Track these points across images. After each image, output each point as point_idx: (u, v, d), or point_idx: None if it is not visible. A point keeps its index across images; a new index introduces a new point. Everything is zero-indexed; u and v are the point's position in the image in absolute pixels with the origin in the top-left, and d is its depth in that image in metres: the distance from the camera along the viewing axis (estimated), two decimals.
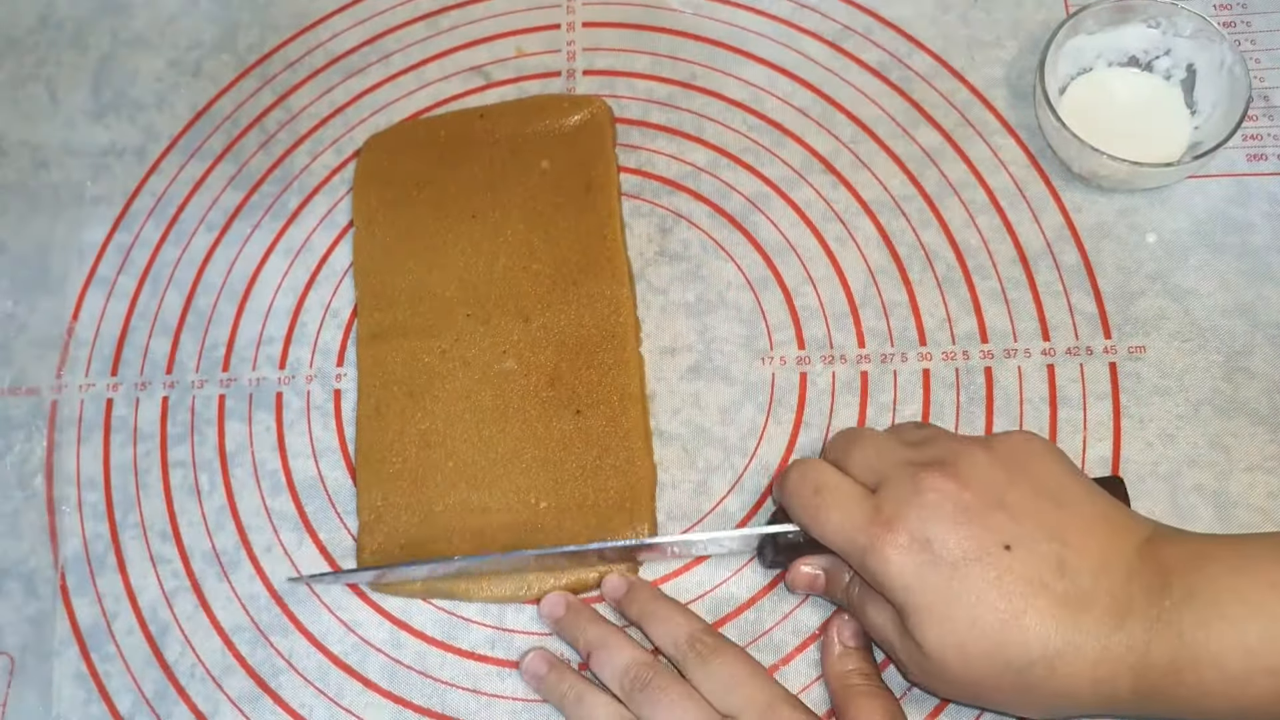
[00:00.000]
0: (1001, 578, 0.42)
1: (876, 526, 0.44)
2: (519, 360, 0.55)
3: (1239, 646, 0.40)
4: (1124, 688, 0.42)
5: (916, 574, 0.43)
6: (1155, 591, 0.41)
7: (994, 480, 0.44)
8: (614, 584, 0.51)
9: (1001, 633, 0.42)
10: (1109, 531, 0.43)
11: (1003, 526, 0.43)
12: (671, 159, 0.60)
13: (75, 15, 0.66)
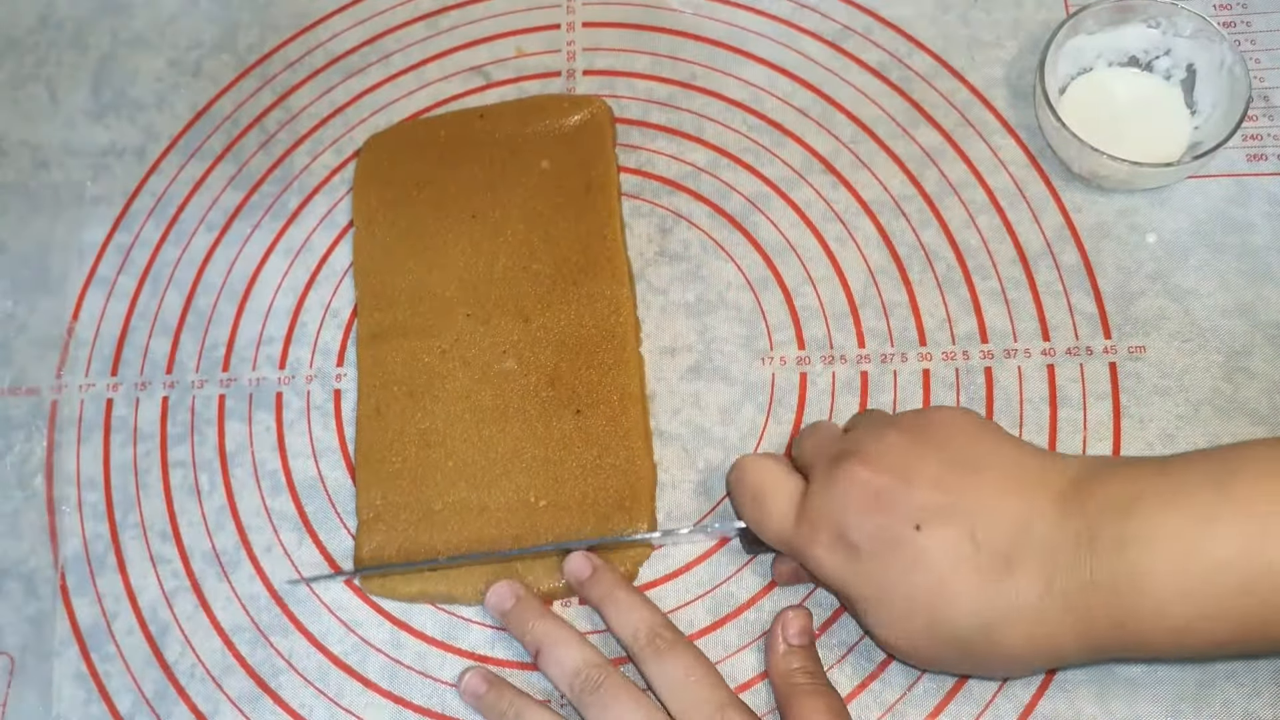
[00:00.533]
0: (918, 559, 0.42)
1: (803, 527, 0.45)
2: (519, 360, 0.55)
3: (1176, 592, 0.39)
4: (1068, 644, 0.41)
5: (845, 569, 0.44)
6: (1084, 544, 0.40)
7: (902, 459, 0.44)
8: (578, 565, 0.50)
9: (932, 611, 0.42)
10: (1025, 490, 0.42)
11: (911, 508, 0.42)
12: (671, 159, 0.60)
13: (75, 15, 0.66)
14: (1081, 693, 0.48)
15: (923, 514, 0.42)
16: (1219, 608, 0.39)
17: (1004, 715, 0.48)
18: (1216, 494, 0.40)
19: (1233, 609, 0.39)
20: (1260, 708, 0.47)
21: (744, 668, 0.50)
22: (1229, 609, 0.39)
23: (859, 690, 0.49)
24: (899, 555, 0.42)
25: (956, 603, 0.42)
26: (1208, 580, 0.39)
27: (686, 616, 0.51)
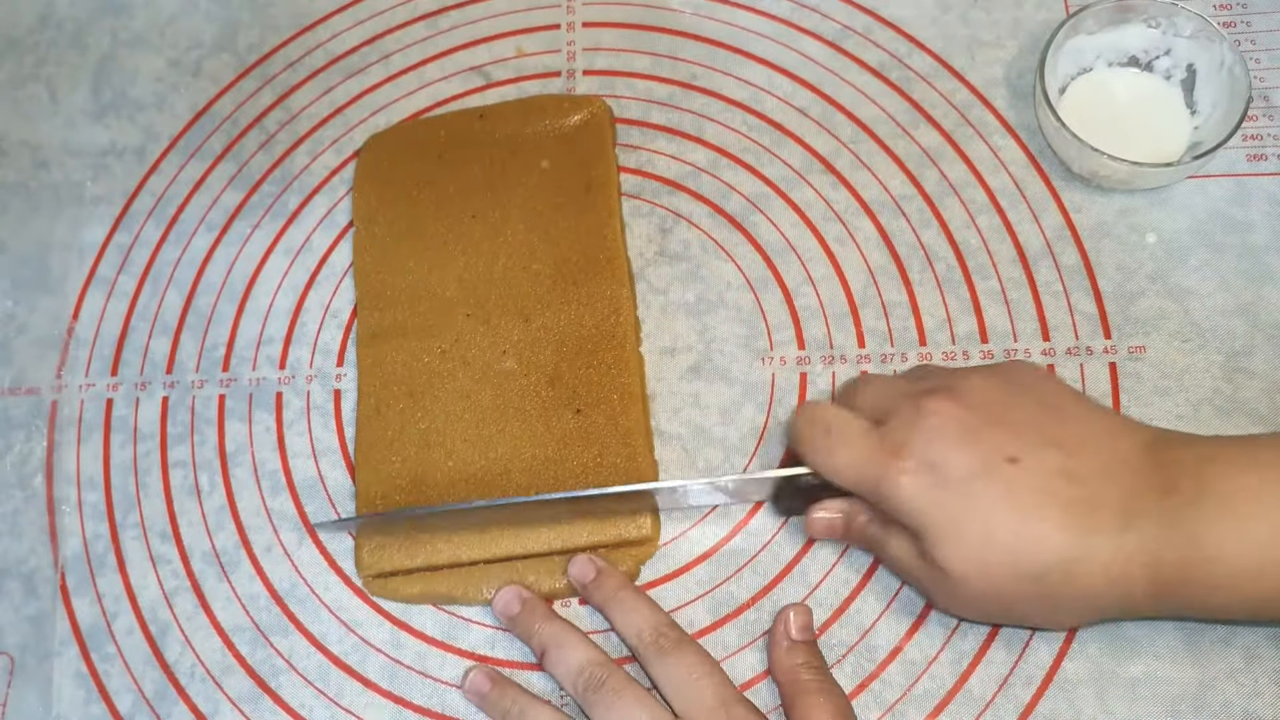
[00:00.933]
0: (1010, 490, 0.43)
1: (885, 455, 0.45)
2: (519, 360, 0.55)
3: (1248, 542, 0.41)
4: (1139, 587, 0.42)
5: (928, 496, 0.44)
6: (1163, 491, 0.42)
7: (994, 399, 0.45)
8: (582, 568, 0.50)
9: (1015, 543, 0.43)
10: (1112, 438, 0.44)
11: (1006, 441, 0.43)
12: (671, 159, 0.60)
13: (75, 15, 0.66)
14: (1081, 693, 0.48)
15: (1017, 448, 0.43)
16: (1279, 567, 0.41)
17: (1004, 715, 0.48)
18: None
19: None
20: (1260, 708, 0.47)
21: (744, 667, 0.50)
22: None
23: (859, 690, 0.49)
24: (990, 486, 0.43)
25: (1043, 537, 0.42)
26: (1274, 535, 0.41)
27: (686, 616, 0.51)
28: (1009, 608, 0.45)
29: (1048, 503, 0.43)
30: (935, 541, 0.44)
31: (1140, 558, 0.42)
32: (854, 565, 0.51)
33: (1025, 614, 0.46)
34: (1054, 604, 0.44)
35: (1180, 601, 0.43)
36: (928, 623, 0.50)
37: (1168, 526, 0.42)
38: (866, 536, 0.48)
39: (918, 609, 0.50)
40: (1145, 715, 0.48)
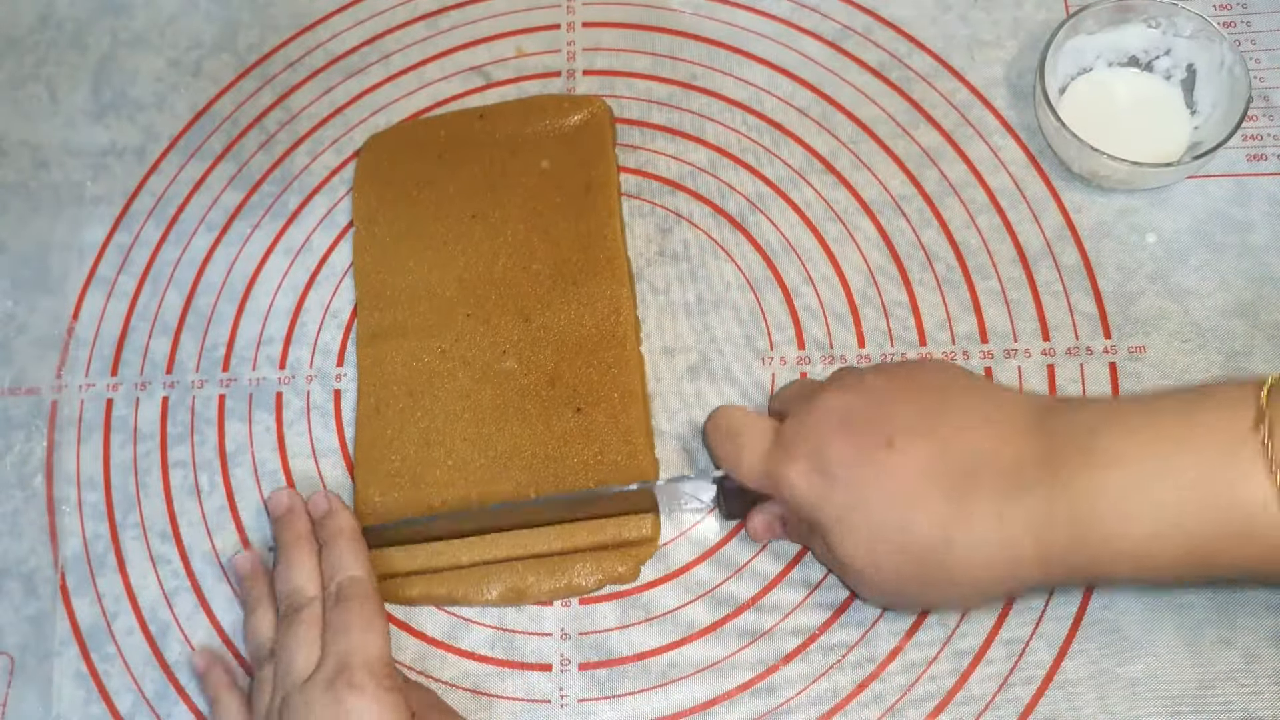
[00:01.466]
0: (888, 475, 0.43)
1: (779, 454, 0.46)
2: (519, 359, 0.55)
3: (1137, 509, 0.40)
4: (1028, 560, 0.42)
5: (819, 491, 0.44)
6: (1050, 461, 0.42)
7: (882, 390, 0.45)
8: (315, 502, 0.51)
9: (899, 526, 0.43)
10: (999, 413, 0.44)
11: (884, 427, 0.44)
12: (671, 159, 0.60)
13: (75, 15, 0.66)
14: (1081, 693, 0.48)
15: (895, 433, 0.43)
16: (1174, 530, 0.40)
17: (1004, 715, 0.48)
18: (1182, 422, 0.40)
19: (1187, 533, 0.40)
20: (1260, 708, 0.47)
21: (744, 668, 0.50)
22: (1184, 532, 0.40)
23: (859, 690, 0.49)
24: (870, 473, 0.43)
25: (924, 517, 0.42)
26: (1165, 503, 0.40)
27: (686, 616, 0.51)
28: (909, 591, 0.45)
29: (926, 484, 0.43)
30: (830, 534, 0.45)
31: (1029, 530, 0.41)
32: None
33: (926, 598, 0.47)
34: (947, 583, 0.44)
35: (1069, 570, 0.42)
36: (928, 623, 0.50)
37: (1054, 495, 0.41)
38: (800, 534, 0.49)
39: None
40: (1145, 715, 0.48)
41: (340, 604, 0.47)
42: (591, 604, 0.51)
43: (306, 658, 0.46)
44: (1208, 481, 0.39)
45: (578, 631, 0.51)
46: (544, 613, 0.51)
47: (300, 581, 0.49)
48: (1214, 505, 0.39)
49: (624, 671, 0.50)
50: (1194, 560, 0.40)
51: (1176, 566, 0.41)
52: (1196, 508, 0.39)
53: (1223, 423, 0.40)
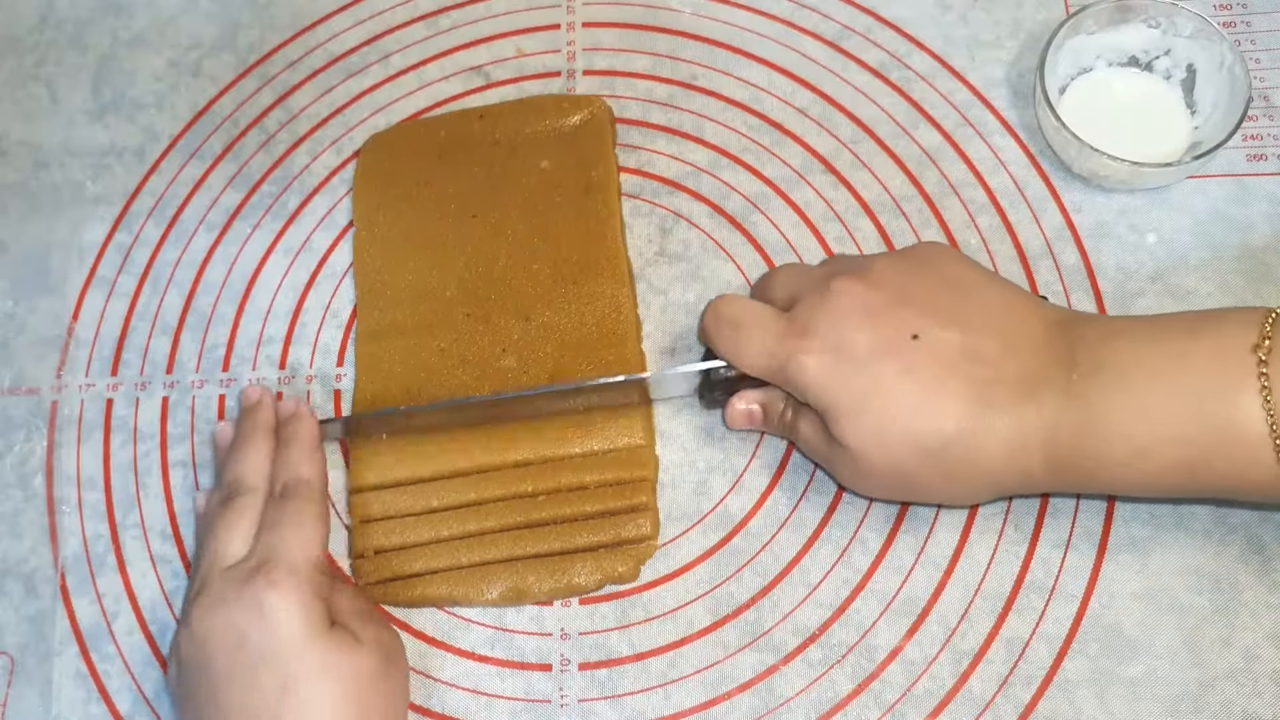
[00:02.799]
0: (910, 366, 0.44)
1: (791, 338, 0.46)
2: (518, 358, 0.55)
3: (1141, 415, 0.42)
4: (1036, 460, 0.44)
5: (832, 374, 0.45)
6: (1063, 365, 0.43)
7: (900, 279, 0.46)
8: (285, 405, 0.51)
9: (915, 417, 0.44)
10: (1016, 315, 0.45)
11: (908, 319, 0.45)
12: (671, 159, 0.60)
13: (75, 15, 0.66)
14: (1081, 693, 0.48)
15: (919, 325, 0.44)
16: (1168, 441, 0.42)
17: (1004, 715, 0.48)
18: (1187, 339, 0.42)
19: (1180, 444, 0.42)
20: (1260, 708, 0.47)
21: (744, 667, 0.50)
22: (1177, 444, 0.42)
23: (859, 690, 0.49)
24: (892, 363, 0.44)
25: (942, 411, 0.43)
26: (1162, 414, 0.42)
27: (686, 616, 0.51)
28: (909, 483, 0.46)
29: (948, 378, 0.44)
30: (837, 418, 0.45)
31: (1038, 432, 0.43)
32: (854, 565, 0.51)
33: (924, 488, 0.47)
34: (952, 478, 0.45)
35: (1075, 477, 0.44)
36: (928, 623, 0.50)
37: (1064, 400, 0.43)
38: (783, 423, 0.50)
39: (918, 609, 0.50)
40: (1145, 715, 0.48)
41: (281, 501, 0.47)
42: (591, 604, 0.51)
43: (235, 548, 0.46)
44: (1203, 397, 0.41)
45: (578, 631, 0.51)
46: (544, 613, 0.51)
47: (245, 470, 0.49)
48: (1207, 420, 0.41)
49: (624, 671, 0.50)
50: (1186, 471, 0.42)
51: (1169, 476, 0.43)
52: (1190, 421, 0.41)
53: (1224, 342, 0.41)
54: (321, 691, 0.43)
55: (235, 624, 0.43)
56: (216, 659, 0.43)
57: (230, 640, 0.43)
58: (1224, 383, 0.41)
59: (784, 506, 0.52)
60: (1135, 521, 0.51)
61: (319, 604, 0.44)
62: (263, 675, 0.42)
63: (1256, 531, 0.50)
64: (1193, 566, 0.50)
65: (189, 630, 0.44)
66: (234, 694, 0.43)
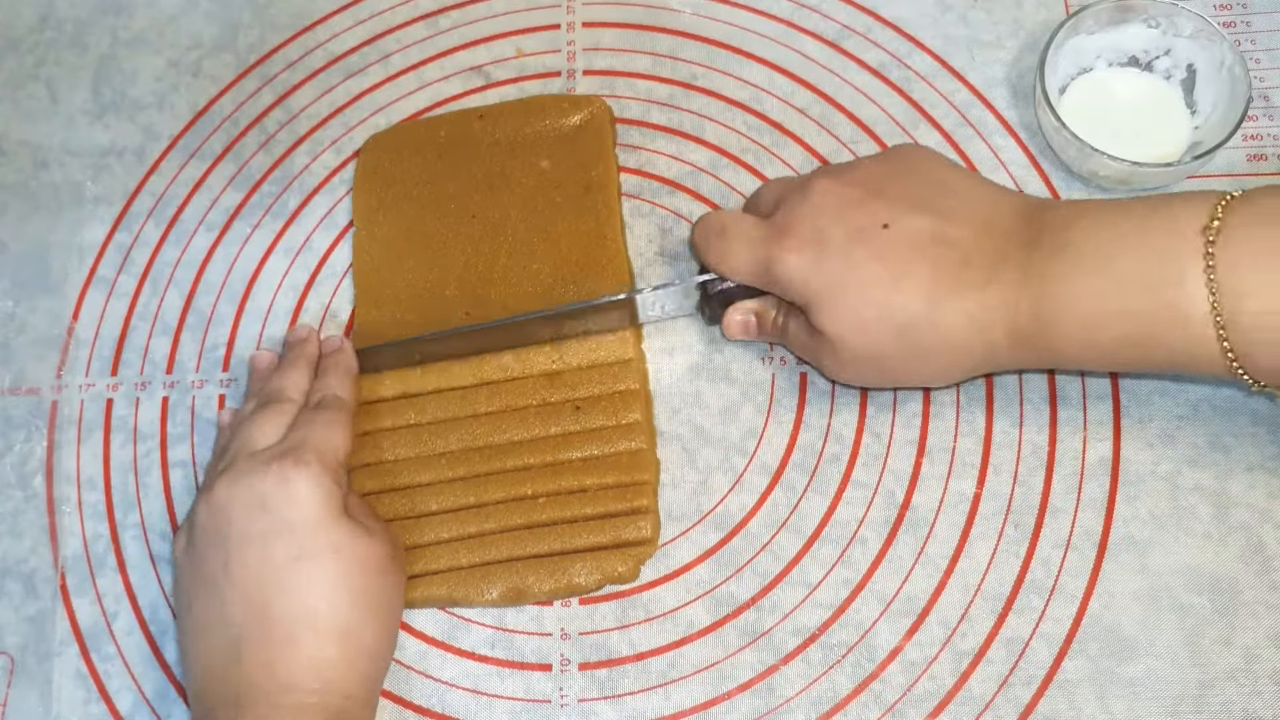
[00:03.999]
0: (881, 252, 0.46)
1: (774, 239, 0.48)
2: (517, 358, 0.55)
3: (1093, 292, 0.44)
4: (999, 336, 0.46)
5: (812, 266, 0.47)
6: (1029, 248, 0.45)
7: (876, 176, 0.49)
8: (331, 340, 0.54)
9: (888, 298, 0.46)
10: (986, 203, 0.47)
11: (881, 210, 0.47)
12: (671, 159, 0.60)
13: (75, 15, 0.66)
14: (1081, 693, 0.48)
15: (891, 215, 0.47)
16: (1116, 316, 0.44)
17: (1004, 715, 0.48)
18: (1142, 218, 0.44)
19: (1127, 319, 0.43)
20: (1260, 708, 0.47)
21: (744, 667, 0.50)
22: (1124, 318, 0.43)
23: (859, 690, 0.49)
24: (865, 249, 0.46)
25: (912, 290, 0.46)
26: (1118, 287, 0.43)
27: (686, 616, 0.51)
28: (886, 365, 0.48)
29: (917, 261, 0.46)
30: (818, 308, 0.47)
31: (1000, 308, 0.45)
32: (854, 565, 0.51)
33: (901, 370, 0.49)
34: (925, 357, 0.47)
35: (1037, 352, 0.46)
36: (928, 623, 0.50)
37: (1025, 279, 0.45)
38: (776, 328, 0.52)
39: (918, 609, 0.50)
40: (1145, 715, 0.48)
41: (315, 409, 0.50)
42: (591, 604, 0.51)
43: (266, 439, 0.48)
44: (1151, 275, 0.43)
45: (578, 631, 0.51)
46: (544, 613, 0.51)
47: (286, 384, 0.51)
48: (1155, 298, 0.43)
49: (624, 671, 0.50)
50: (1137, 347, 0.44)
51: (1122, 351, 0.45)
52: (1139, 298, 0.43)
53: (1176, 225, 0.43)
54: (331, 567, 0.45)
55: (258, 493, 0.45)
56: (234, 524, 0.45)
57: (252, 508, 0.45)
58: (1172, 262, 0.43)
59: (784, 506, 0.52)
60: (1135, 521, 0.51)
61: (338, 491, 0.47)
62: (277, 543, 0.45)
63: (1256, 531, 0.50)
64: (1193, 566, 0.50)
65: (210, 497, 0.46)
66: (247, 558, 0.45)
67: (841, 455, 0.53)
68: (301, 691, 0.43)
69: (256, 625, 0.44)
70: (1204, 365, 0.44)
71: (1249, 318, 0.42)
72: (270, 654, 0.44)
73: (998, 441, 0.53)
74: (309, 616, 0.44)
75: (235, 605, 0.45)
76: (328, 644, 0.44)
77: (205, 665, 0.45)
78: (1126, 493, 0.51)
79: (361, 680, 0.45)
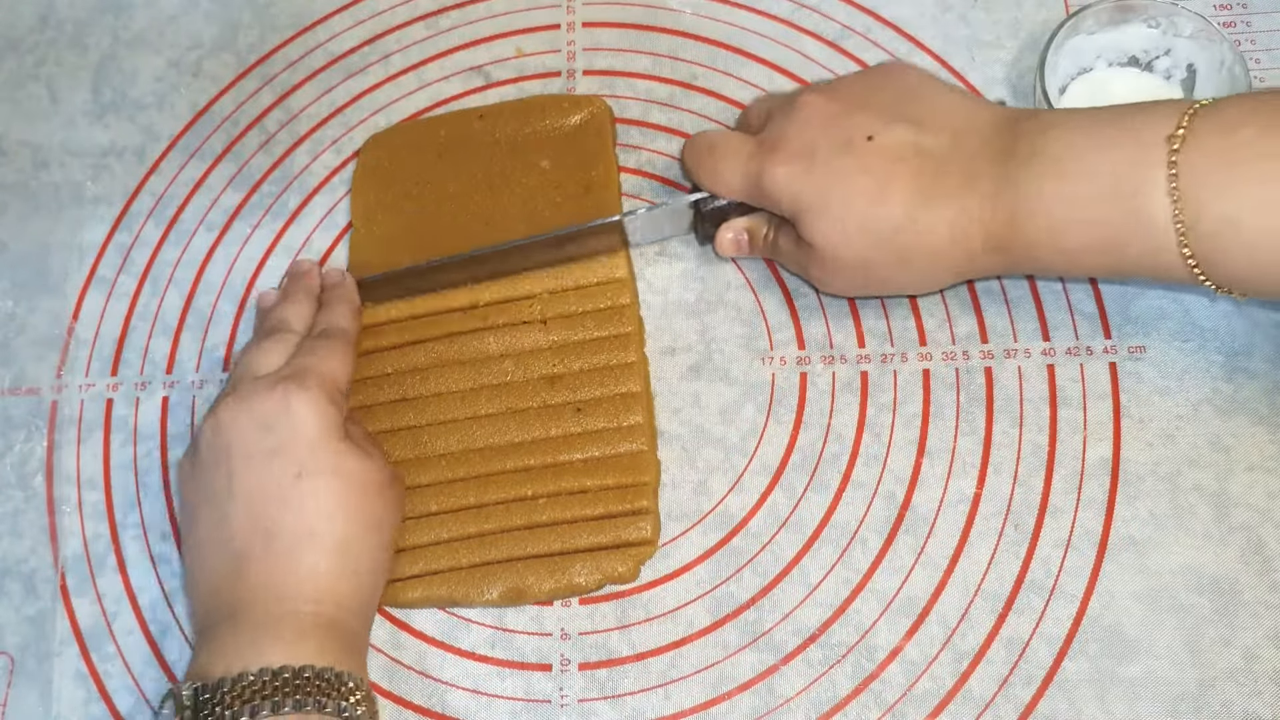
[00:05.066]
0: (866, 163, 0.48)
1: (763, 152, 0.50)
2: (516, 361, 0.55)
3: (1063, 198, 0.45)
4: (977, 242, 0.47)
5: (799, 179, 0.49)
6: (1004, 155, 0.47)
7: (860, 91, 0.51)
8: (332, 273, 0.56)
9: (871, 207, 0.48)
10: (966, 115, 0.49)
11: (865, 122, 0.49)
12: (671, 159, 0.60)
13: (75, 15, 0.66)
14: (1081, 693, 0.48)
15: (875, 127, 0.48)
16: (1085, 221, 0.45)
17: (1004, 715, 0.48)
18: (1116, 127, 0.45)
19: (1095, 224, 0.45)
20: (1260, 708, 0.47)
21: (744, 667, 0.50)
22: (1092, 223, 0.45)
23: (859, 690, 0.49)
24: (850, 160, 0.48)
25: (894, 198, 0.47)
26: (1086, 192, 0.45)
27: (686, 616, 0.51)
28: (871, 273, 0.50)
29: (899, 171, 0.47)
30: (806, 219, 0.49)
31: (977, 215, 0.47)
32: (854, 565, 0.51)
33: (886, 277, 0.50)
34: (906, 264, 0.49)
35: (1013, 257, 0.48)
36: (928, 623, 0.50)
37: (1001, 186, 0.46)
38: (767, 244, 0.54)
39: (918, 609, 0.50)
40: (1145, 715, 0.48)
41: (318, 337, 0.51)
42: (591, 604, 0.51)
43: (270, 365, 0.49)
44: (1118, 181, 0.44)
45: (578, 631, 0.51)
46: (544, 613, 0.51)
47: (289, 315, 0.52)
48: (1120, 204, 0.44)
49: (624, 671, 0.50)
50: (1104, 253, 0.46)
51: (1090, 256, 0.46)
52: (1105, 203, 0.45)
53: (1144, 132, 0.44)
54: (331, 485, 0.46)
55: (261, 414, 0.47)
56: (238, 443, 0.46)
57: (255, 428, 0.46)
58: (1137, 169, 0.44)
59: (784, 506, 0.52)
60: (1135, 521, 0.51)
61: (339, 415, 0.48)
62: (279, 461, 0.46)
63: (1257, 531, 0.50)
64: (1193, 566, 0.50)
65: (215, 419, 0.47)
66: (250, 474, 0.46)
67: (841, 455, 0.53)
68: (298, 600, 0.45)
69: (258, 540, 0.45)
70: (1167, 271, 0.45)
71: (1209, 224, 0.43)
72: (270, 567, 0.45)
73: (998, 441, 0.53)
74: (308, 531, 0.45)
75: (237, 521, 0.46)
76: (325, 558, 0.46)
77: (208, 582, 0.46)
78: (1126, 493, 0.51)
79: (356, 593, 0.46)
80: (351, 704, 0.43)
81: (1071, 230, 0.46)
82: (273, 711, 0.41)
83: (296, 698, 0.42)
